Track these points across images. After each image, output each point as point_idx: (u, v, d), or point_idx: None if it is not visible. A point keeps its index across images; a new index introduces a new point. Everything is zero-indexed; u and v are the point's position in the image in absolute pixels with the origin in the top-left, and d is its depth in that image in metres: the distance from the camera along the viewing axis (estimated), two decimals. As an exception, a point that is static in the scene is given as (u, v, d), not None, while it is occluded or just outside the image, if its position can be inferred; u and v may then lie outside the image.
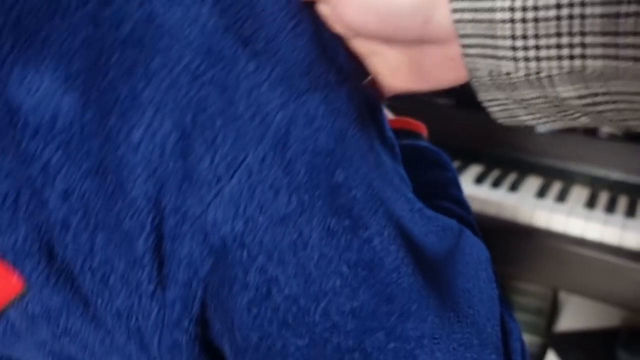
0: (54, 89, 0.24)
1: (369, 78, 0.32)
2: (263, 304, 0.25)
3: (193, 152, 0.24)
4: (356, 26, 0.27)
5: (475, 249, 0.31)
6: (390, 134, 0.33)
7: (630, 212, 0.99)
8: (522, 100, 0.26)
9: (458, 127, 1.17)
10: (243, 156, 0.24)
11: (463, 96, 1.18)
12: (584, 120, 0.27)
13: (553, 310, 1.32)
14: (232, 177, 0.24)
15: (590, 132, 1.09)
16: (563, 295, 1.36)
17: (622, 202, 1.03)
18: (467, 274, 0.29)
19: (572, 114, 0.26)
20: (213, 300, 0.26)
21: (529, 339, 1.27)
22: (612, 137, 1.07)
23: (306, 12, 0.27)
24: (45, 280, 0.26)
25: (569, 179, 1.10)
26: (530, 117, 0.28)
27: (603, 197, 1.05)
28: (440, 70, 0.29)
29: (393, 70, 0.31)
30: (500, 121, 0.29)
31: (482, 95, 0.27)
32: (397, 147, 0.33)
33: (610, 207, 1.01)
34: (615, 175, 1.08)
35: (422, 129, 0.49)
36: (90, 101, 0.24)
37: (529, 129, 1.11)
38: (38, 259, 0.26)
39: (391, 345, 0.25)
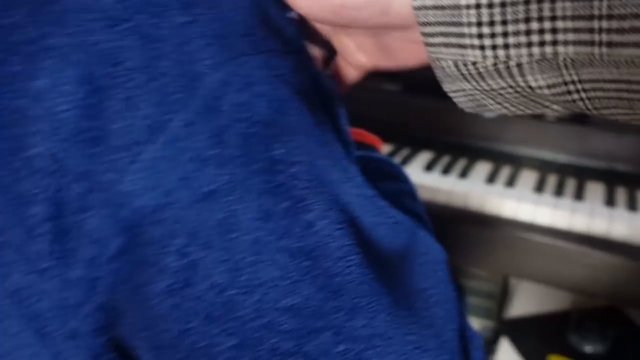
0: None
1: (329, 70, 0.30)
2: (183, 292, 0.22)
3: (107, 109, 0.21)
4: (311, 16, 0.26)
5: (431, 248, 0.29)
6: (348, 135, 0.30)
7: (578, 195, 0.99)
8: (491, 90, 0.24)
9: (406, 114, 1.15)
10: (166, 119, 0.21)
11: (410, 81, 1.16)
12: (555, 108, 0.25)
13: (504, 294, 1.33)
14: (151, 142, 0.21)
15: (537, 115, 1.08)
16: (514, 280, 1.37)
17: (571, 184, 1.04)
18: (423, 273, 0.27)
19: (543, 102, 0.25)
20: (125, 286, 0.22)
21: (482, 323, 1.27)
22: (559, 120, 1.07)
23: None
24: None
25: (517, 163, 1.10)
26: (498, 106, 0.26)
27: (551, 181, 1.05)
28: (406, 52, 0.28)
29: (360, 45, 0.29)
30: (467, 110, 0.27)
31: (447, 87, 0.26)
32: (353, 148, 0.31)
33: (559, 191, 1.01)
34: (563, 158, 1.08)
35: (377, 142, 0.47)
36: None
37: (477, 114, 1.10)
38: None
39: (340, 347, 0.22)
